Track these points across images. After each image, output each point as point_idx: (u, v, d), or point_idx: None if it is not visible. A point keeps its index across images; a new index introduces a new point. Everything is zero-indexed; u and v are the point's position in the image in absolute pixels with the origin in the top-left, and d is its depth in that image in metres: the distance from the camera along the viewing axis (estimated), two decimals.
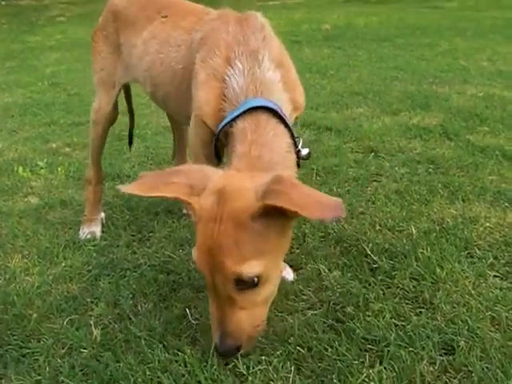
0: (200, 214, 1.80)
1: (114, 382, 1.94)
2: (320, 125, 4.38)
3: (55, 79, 7.93)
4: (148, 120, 5.24)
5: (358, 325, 2.08)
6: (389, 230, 2.76)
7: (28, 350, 2.17)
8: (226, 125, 2.07)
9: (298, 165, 2.15)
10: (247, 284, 1.78)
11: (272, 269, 1.84)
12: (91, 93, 6.88)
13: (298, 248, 2.64)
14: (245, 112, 2.03)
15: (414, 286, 2.31)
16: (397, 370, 1.86)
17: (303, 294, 2.33)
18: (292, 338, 2.04)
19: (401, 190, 3.18)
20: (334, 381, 1.82)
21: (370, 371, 1.85)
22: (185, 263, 2.65)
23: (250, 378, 1.87)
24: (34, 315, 2.35)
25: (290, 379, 1.85)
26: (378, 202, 3.04)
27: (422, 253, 2.50)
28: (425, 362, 1.89)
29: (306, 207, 1.65)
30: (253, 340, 1.91)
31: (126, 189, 1.88)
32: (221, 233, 1.76)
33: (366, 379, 1.82)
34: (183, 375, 1.91)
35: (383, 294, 2.28)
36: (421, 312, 2.17)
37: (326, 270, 2.46)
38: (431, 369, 1.88)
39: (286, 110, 2.11)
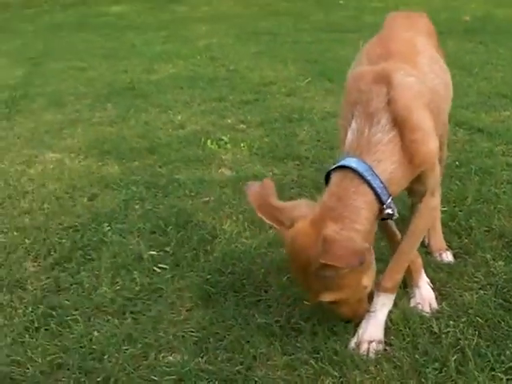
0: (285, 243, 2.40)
1: None
2: (472, 125, 4.81)
3: (211, 53, 8.62)
4: (310, 104, 5.77)
5: None
6: None
7: (260, 298, 2.84)
8: (329, 172, 2.43)
9: (384, 218, 2.45)
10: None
11: (349, 294, 2.35)
12: (248, 70, 7.55)
13: (466, 238, 3.20)
14: (338, 167, 2.36)
15: None
16: None
17: (475, 277, 2.87)
18: (471, 310, 2.62)
19: None
20: (509, 345, 2.40)
21: None
22: None
23: (442, 336, 2.48)
24: (262, 270, 3.03)
25: (474, 340, 2.43)
26: None
27: None
28: None
29: (337, 259, 2.14)
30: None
31: (249, 195, 2.45)
32: (298, 273, 2.38)
33: None
34: (389, 328, 2.54)
35: None
36: None
37: (492, 260, 3.00)
38: None
39: (384, 171, 2.31)
